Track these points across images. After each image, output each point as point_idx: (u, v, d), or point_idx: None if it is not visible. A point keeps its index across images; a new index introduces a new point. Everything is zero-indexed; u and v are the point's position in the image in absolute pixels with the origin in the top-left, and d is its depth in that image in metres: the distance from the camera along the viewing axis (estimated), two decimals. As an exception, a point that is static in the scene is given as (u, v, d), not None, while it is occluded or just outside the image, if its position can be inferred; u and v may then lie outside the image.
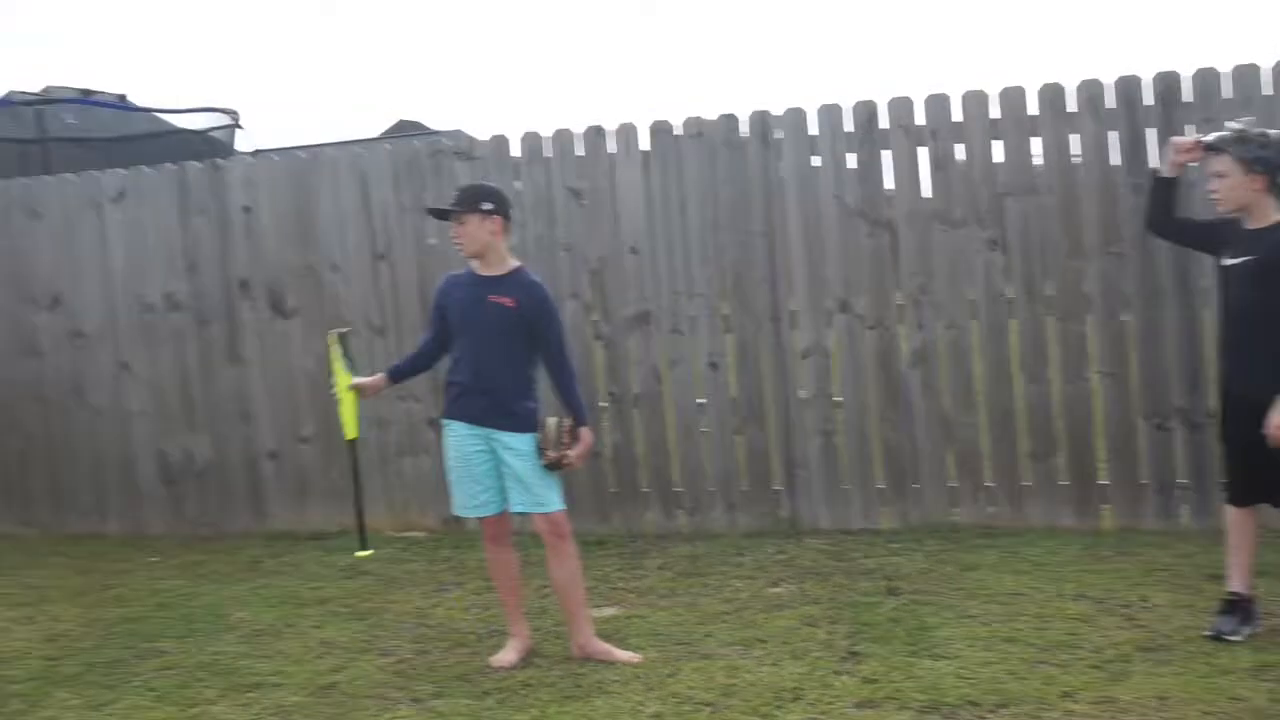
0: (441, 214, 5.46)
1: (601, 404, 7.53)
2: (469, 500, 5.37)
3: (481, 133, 8.16)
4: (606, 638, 5.45)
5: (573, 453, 5.30)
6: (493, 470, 5.31)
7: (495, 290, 5.28)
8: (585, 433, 5.35)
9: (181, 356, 8.27)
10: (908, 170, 7.14)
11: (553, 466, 5.27)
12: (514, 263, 5.41)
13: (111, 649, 5.97)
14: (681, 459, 7.52)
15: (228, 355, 8.18)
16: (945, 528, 7.01)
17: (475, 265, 5.37)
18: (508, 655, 5.38)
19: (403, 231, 7.89)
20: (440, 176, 7.79)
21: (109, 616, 6.54)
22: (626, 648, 5.39)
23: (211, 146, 10.31)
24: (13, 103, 10.58)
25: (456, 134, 9.34)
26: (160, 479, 8.38)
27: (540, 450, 5.25)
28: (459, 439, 5.34)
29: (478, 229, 5.28)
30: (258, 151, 10.29)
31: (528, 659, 5.37)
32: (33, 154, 10.14)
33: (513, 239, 7.42)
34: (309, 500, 8.09)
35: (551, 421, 5.29)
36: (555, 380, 5.40)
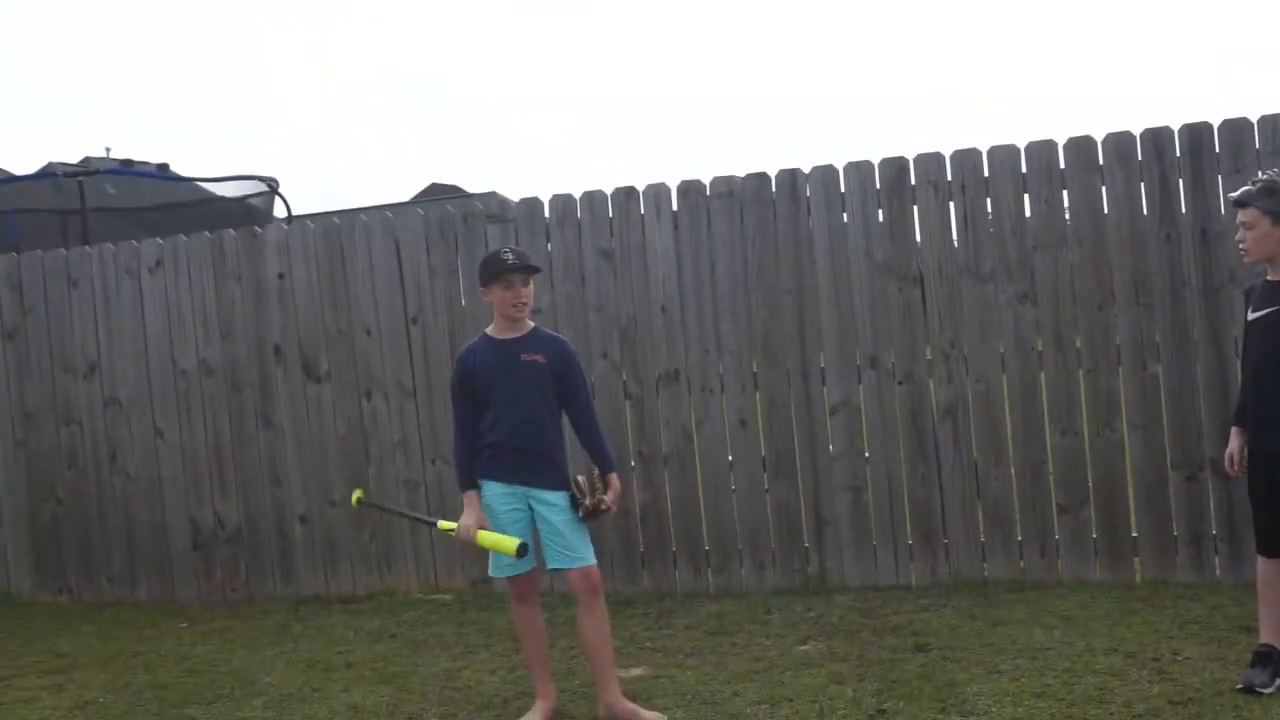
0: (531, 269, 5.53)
1: (631, 463, 7.52)
2: (504, 559, 5.35)
3: (516, 194, 8.29)
4: (633, 698, 5.40)
5: (608, 497, 5.34)
6: (527, 529, 5.32)
7: (525, 349, 5.34)
8: (614, 479, 5.42)
9: (214, 422, 8.34)
10: (937, 225, 7.14)
11: (591, 514, 5.30)
12: (531, 323, 5.46)
13: (139, 716, 5.97)
14: (710, 517, 7.47)
15: (260, 420, 8.24)
16: (975, 583, 6.92)
17: (493, 330, 5.44)
18: (534, 717, 5.34)
19: (435, 295, 7.95)
20: (473, 240, 7.86)
21: (137, 683, 6.54)
22: (653, 708, 5.33)
23: (250, 214, 10.46)
24: (54, 174, 10.79)
25: (490, 197, 9.43)
26: (191, 544, 8.41)
27: (576, 503, 5.27)
28: (495, 498, 5.34)
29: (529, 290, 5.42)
30: (292, 218, 10.41)
31: None
32: (73, 224, 10.33)
33: (543, 300, 7.57)
34: (338, 564, 8.10)
35: (582, 476, 5.35)
36: (585, 432, 5.47)
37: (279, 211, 11.02)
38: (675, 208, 7.54)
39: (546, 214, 7.79)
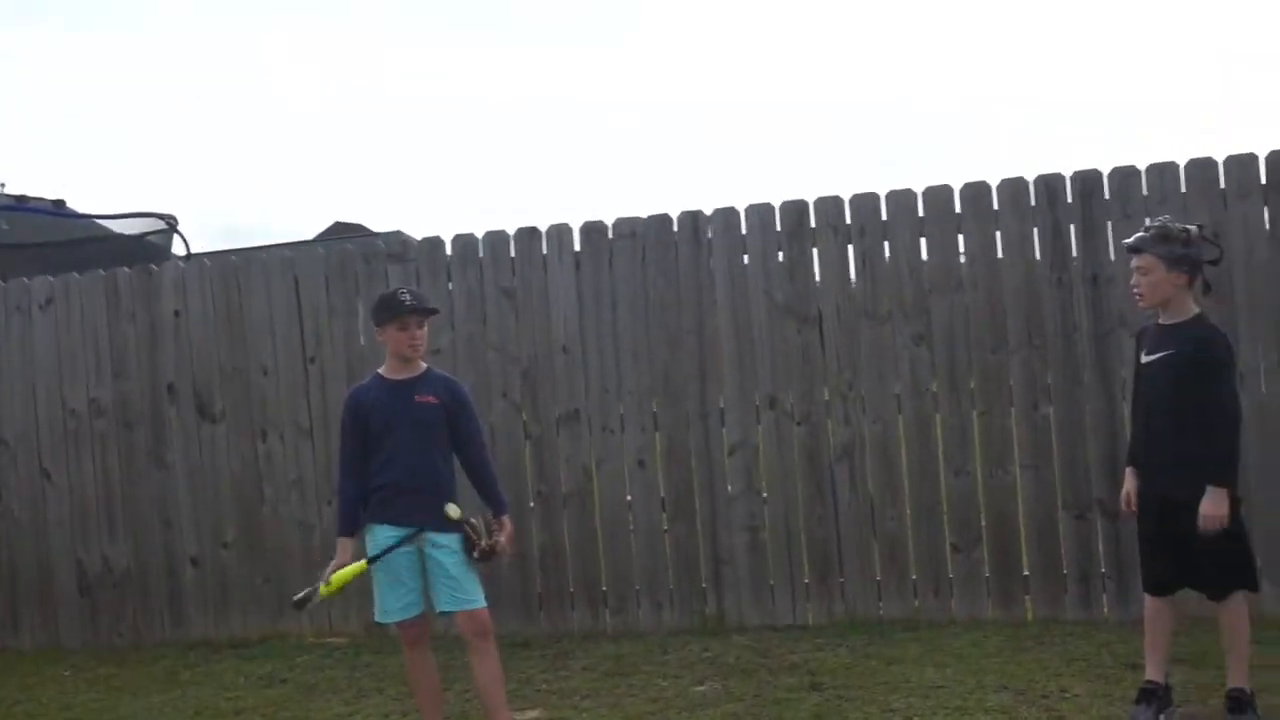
0: (428, 311, 5.52)
1: (530, 503, 7.47)
2: (395, 603, 5.27)
3: (422, 233, 8.21)
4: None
5: (502, 539, 5.29)
6: (418, 572, 5.25)
7: (419, 390, 5.30)
8: (507, 521, 5.39)
9: (104, 462, 8.14)
10: (836, 267, 7.21)
11: (485, 556, 5.24)
12: (424, 364, 5.42)
13: (16, 762, 5.78)
14: (608, 558, 7.43)
15: (152, 459, 8.06)
16: (870, 622, 6.95)
17: (386, 370, 5.38)
18: None
19: (334, 334, 7.86)
20: (373, 279, 7.79)
21: (16, 730, 6.34)
22: (546, 750, 5.27)
23: (148, 251, 10.26)
24: (-56, 210, 10.53)
25: (394, 235, 9.34)
26: (76, 588, 8.18)
27: (470, 545, 5.21)
28: (388, 540, 5.23)
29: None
30: (190, 255, 10.25)
31: None
32: (-36, 261, 10.07)
33: (443, 339, 7.52)
34: (230, 608, 7.93)
35: (475, 518, 5.28)
36: (478, 473, 5.43)
37: (178, 249, 10.84)
38: (578, 248, 7.55)
39: (449, 253, 7.76)
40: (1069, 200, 6.89)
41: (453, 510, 5.20)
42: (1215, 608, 5.03)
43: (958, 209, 7.04)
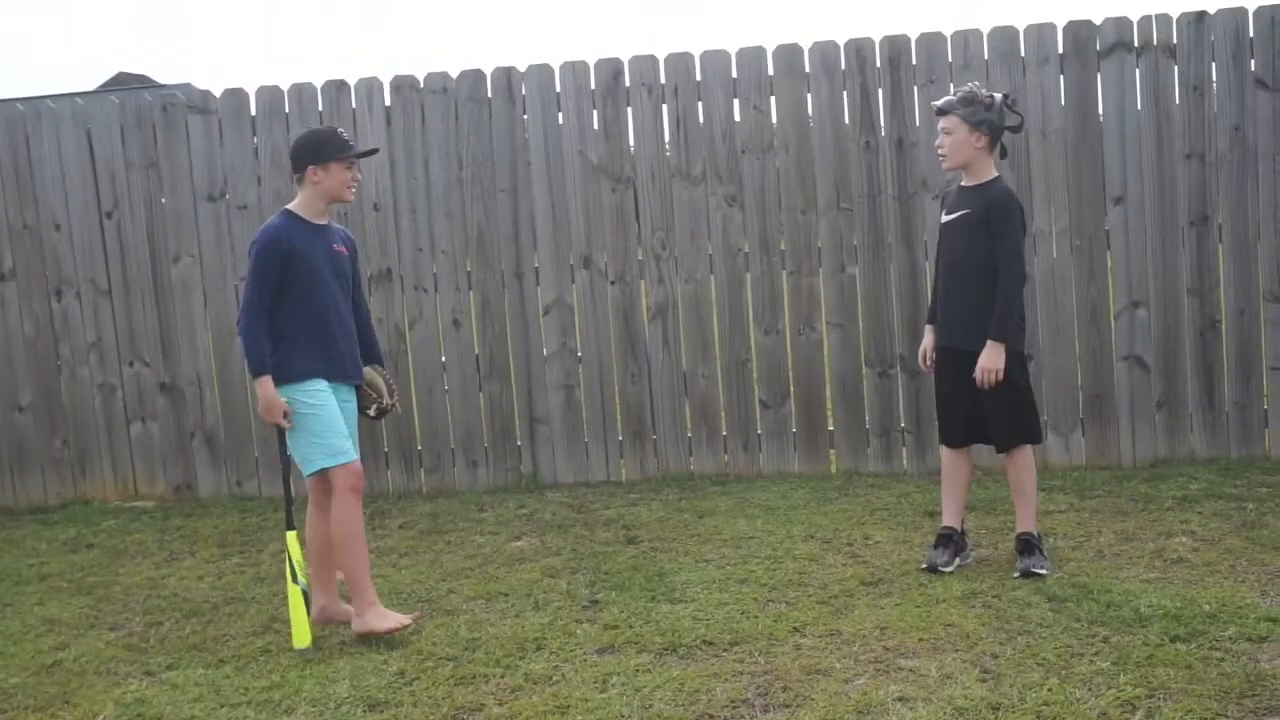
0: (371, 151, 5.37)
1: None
2: (339, 446, 4.93)
3: (213, 87, 7.85)
4: (346, 599, 5.35)
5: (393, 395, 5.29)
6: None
7: (333, 239, 5.08)
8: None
9: (-116, 322, 7.70)
10: (650, 128, 7.22)
11: (382, 413, 5.22)
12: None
13: None
14: (424, 417, 7.45)
15: (-63, 319, 7.67)
16: (683, 477, 7.18)
17: (305, 213, 5.01)
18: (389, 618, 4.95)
19: (132, 188, 7.54)
20: (172, 130, 7.49)
21: None
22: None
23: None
24: None
25: (185, 88, 8.90)
26: None
27: (368, 401, 5.16)
28: (326, 393, 4.95)
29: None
30: (-32, 104, 9.64)
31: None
32: None
33: (249, 195, 7.31)
34: (28, 472, 7.68)
35: (376, 372, 5.22)
36: (365, 327, 5.26)
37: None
38: (388, 103, 7.37)
39: (253, 107, 7.49)
40: (878, 65, 7.03)
41: (370, 370, 5.13)
42: (1004, 458, 5.35)
43: (770, 71, 7.11)
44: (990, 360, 5.13)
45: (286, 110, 7.44)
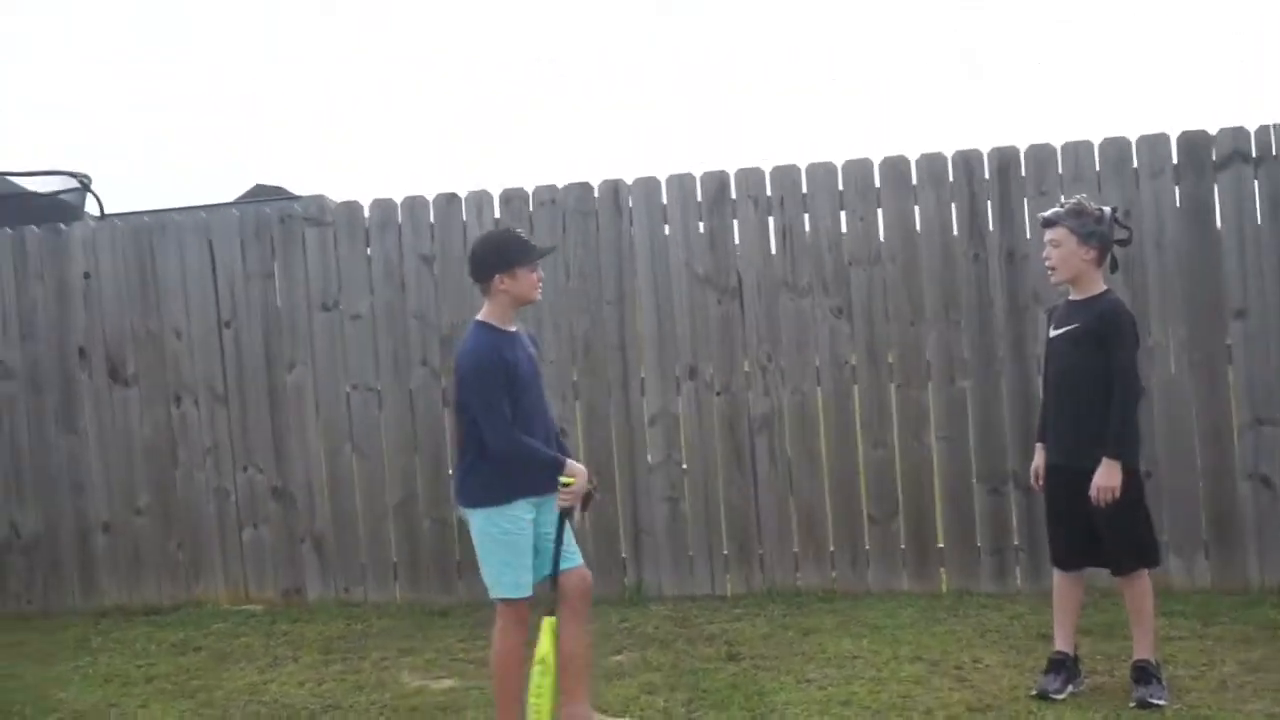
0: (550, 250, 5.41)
1: (449, 471, 7.44)
2: (533, 575, 4.92)
3: (361, 196, 8.11)
4: (444, 710, 5.34)
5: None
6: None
7: (527, 343, 5.05)
8: None
9: (12, 427, 7.96)
10: (756, 239, 7.23)
11: (586, 504, 5.06)
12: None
13: (-79, 733, 5.67)
14: (528, 527, 7.42)
15: (62, 424, 7.90)
16: (788, 592, 7.03)
17: (497, 321, 4.93)
18: None
19: (249, 298, 7.74)
20: (290, 242, 7.70)
21: (-78, 699, 6.21)
22: (466, 719, 5.26)
23: (61, 211, 9.99)
24: None
25: (316, 199, 9.16)
26: (-14, 554, 8.01)
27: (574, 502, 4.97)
28: (527, 513, 4.88)
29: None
30: (103, 215, 10.01)
31: None
32: None
33: (362, 306, 7.46)
34: (143, 574, 7.82)
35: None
36: (552, 421, 5.18)
37: (91, 208, 10.59)
38: (498, 214, 7.49)
39: (366, 217, 7.67)
40: (986, 177, 6.96)
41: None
42: (1121, 582, 5.16)
43: (877, 183, 7.09)
44: (1107, 478, 4.98)
45: (399, 221, 7.60)
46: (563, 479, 4.86)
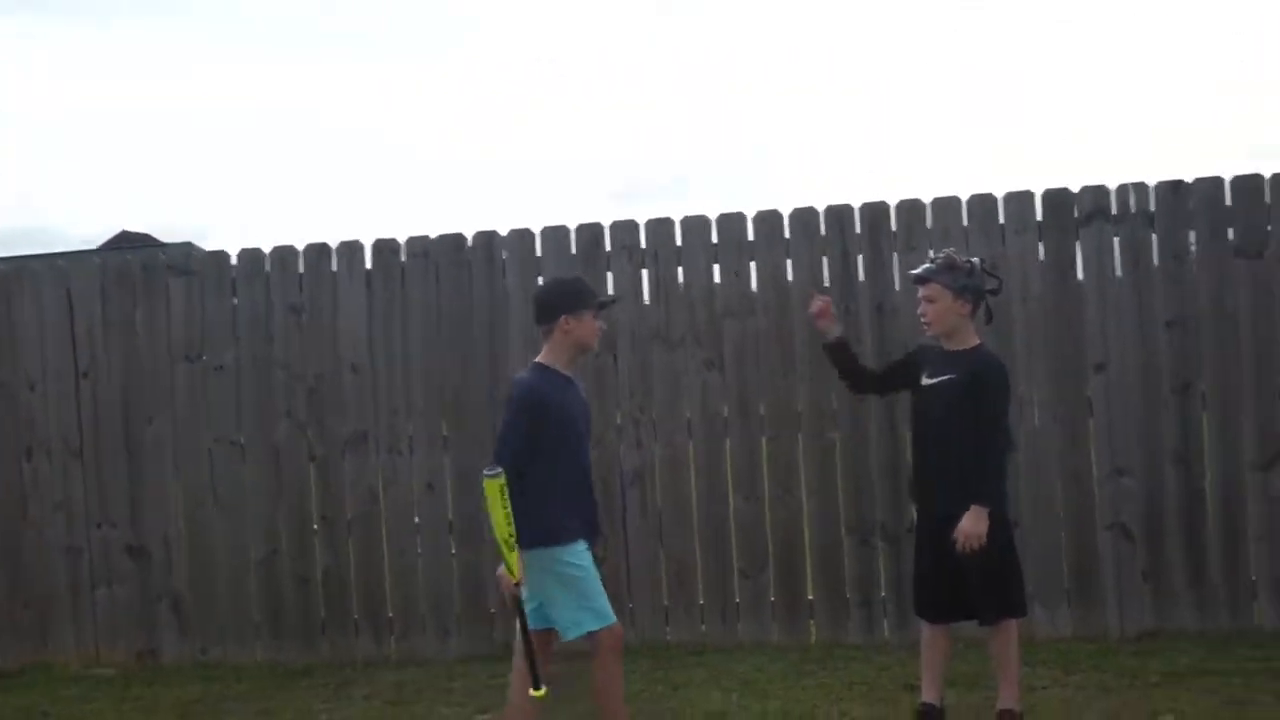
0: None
1: (314, 526, 7.29)
2: (609, 607, 5.01)
3: (226, 245, 7.95)
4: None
5: None
6: None
7: (580, 391, 5.12)
8: None
9: None
10: (630, 291, 7.21)
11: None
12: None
13: None
14: (394, 583, 7.27)
15: (-95, 479, 7.56)
16: (658, 646, 6.96)
17: (557, 365, 4.99)
18: None
19: (109, 348, 7.50)
20: (153, 291, 7.49)
21: None
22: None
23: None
24: None
25: (184, 247, 8.96)
26: None
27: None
28: (588, 554, 4.98)
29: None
30: (-46, 264, 9.72)
31: None
32: None
33: (227, 356, 7.29)
34: (-12, 637, 7.48)
35: None
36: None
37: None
38: (369, 265, 7.38)
39: (234, 266, 7.50)
40: (857, 231, 7.04)
41: None
42: (986, 631, 5.18)
43: (750, 236, 7.13)
44: (973, 524, 5.01)
45: (268, 271, 7.44)
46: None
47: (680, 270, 7.19)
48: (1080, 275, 6.88)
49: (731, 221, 7.16)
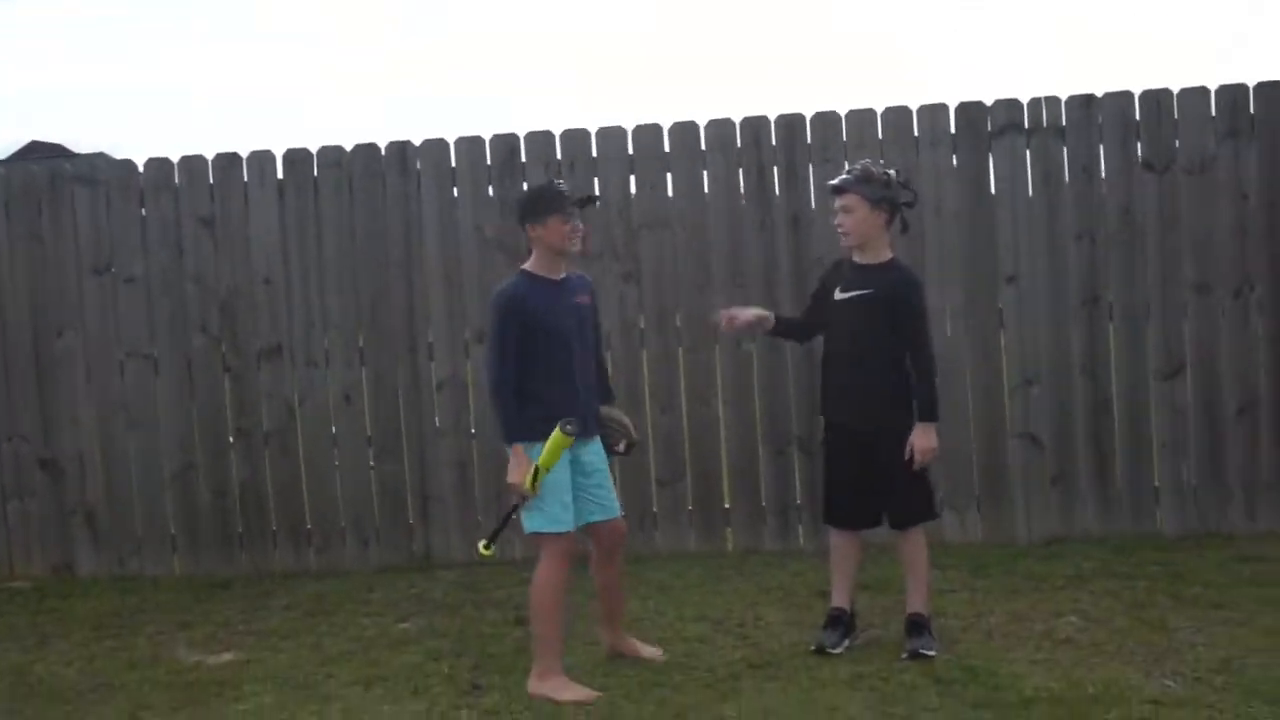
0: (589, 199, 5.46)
1: (230, 439, 7.24)
2: (566, 515, 5.08)
3: (138, 155, 7.75)
4: (221, 685, 5.18)
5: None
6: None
7: (574, 291, 5.11)
8: None
9: None
10: (546, 204, 7.16)
11: (630, 449, 5.38)
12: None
13: None
14: (313, 495, 7.26)
15: None
16: (577, 556, 7.00)
17: (540, 270, 5.04)
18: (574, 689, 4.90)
19: (14, 263, 7.34)
20: (59, 204, 7.32)
21: None
22: (242, 694, 5.14)
23: None
24: None
25: (97, 158, 8.72)
26: None
27: (619, 437, 5.29)
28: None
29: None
30: None
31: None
32: None
33: (137, 269, 7.16)
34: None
35: (613, 410, 5.36)
36: (601, 367, 5.41)
37: None
38: (281, 176, 7.27)
39: (141, 177, 7.35)
40: (773, 143, 7.05)
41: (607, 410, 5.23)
42: (897, 537, 5.30)
43: (667, 148, 7.11)
44: (927, 441, 5.14)
45: (176, 182, 7.30)
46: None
47: (596, 182, 7.16)
48: (993, 188, 6.97)
49: (647, 133, 7.12)
